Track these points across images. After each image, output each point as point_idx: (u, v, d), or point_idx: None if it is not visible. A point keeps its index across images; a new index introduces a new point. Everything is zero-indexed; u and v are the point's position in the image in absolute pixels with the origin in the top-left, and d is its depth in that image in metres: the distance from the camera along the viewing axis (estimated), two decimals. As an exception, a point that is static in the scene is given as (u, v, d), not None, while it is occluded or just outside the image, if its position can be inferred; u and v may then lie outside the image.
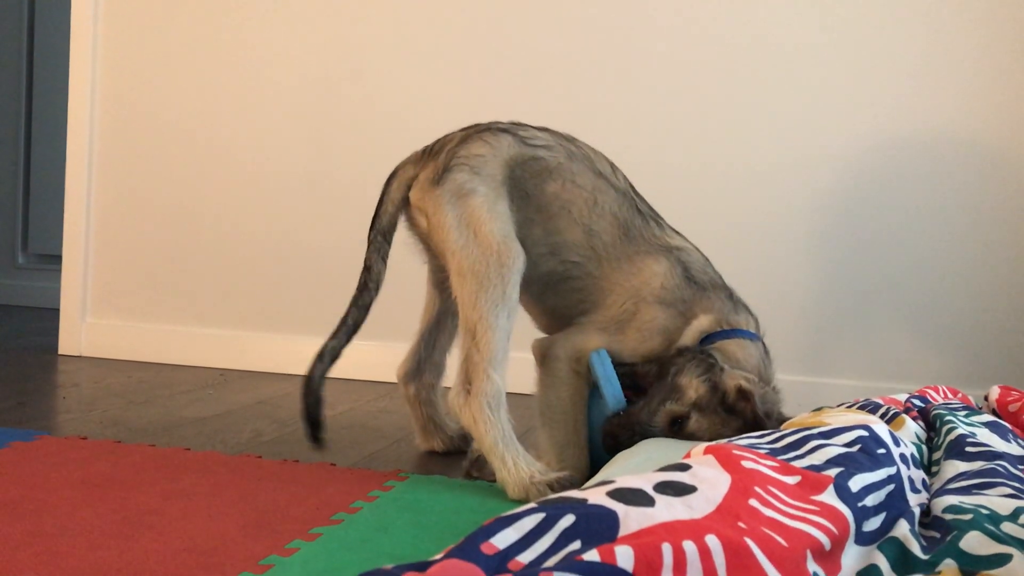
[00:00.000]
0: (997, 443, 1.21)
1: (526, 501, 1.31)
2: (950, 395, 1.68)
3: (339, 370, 2.45)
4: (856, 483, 0.87)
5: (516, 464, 1.35)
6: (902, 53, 2.22)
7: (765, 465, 0.86)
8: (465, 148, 1.50)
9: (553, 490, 1.32)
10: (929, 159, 2.21)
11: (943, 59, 2.20)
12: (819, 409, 1.33)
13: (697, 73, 2.32)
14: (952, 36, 2.20)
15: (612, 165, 1.61)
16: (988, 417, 1.42)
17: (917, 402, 1.54)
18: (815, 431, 1.00)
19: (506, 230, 1.45)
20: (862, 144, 2.24)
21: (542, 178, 1.52)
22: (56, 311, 2.74)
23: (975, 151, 2.20)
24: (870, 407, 1.38)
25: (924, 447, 1.24)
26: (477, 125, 1.56)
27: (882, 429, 1.02)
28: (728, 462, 0.83)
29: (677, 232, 1.61)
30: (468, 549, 0.65)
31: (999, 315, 2.19)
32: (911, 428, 1.24)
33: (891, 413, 1.31)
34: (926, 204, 2.22)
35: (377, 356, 2.47)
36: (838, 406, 1.44)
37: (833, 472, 0.87)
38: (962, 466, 1.10)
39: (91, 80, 2.64)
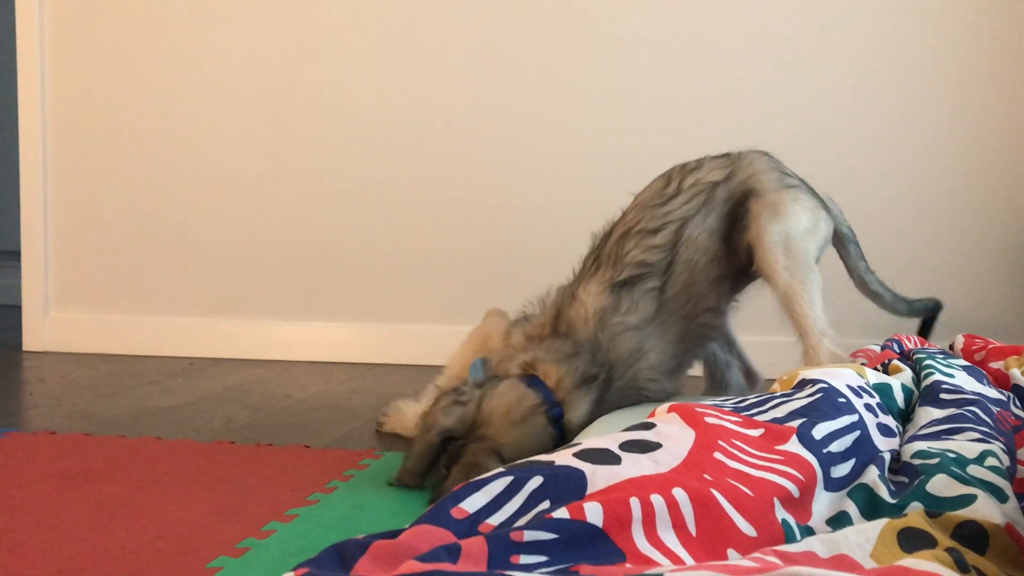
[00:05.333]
0: (974, 386, 1.22)
1: None
2: (919, 344, 1.70)
3: (310, 352, 2.47)
4: (819, 431, 0.88)
5: None
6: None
7: (728, 420, 0.87)
8: None
9: None
10: (887, 123, 2.23)
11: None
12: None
13: (692, 69, 2.32)
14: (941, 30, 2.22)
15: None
16: (964, 361, 1.43)
17: (895, 347, 1.55)
18: (777, 394, 1.01)
19: None
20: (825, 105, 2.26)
21: None
22: (18, 308, 2.69)
23: (938, 116, 2.23)
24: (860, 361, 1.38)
25: (916, 392, 1.24)
26: None
27: (840, 383, 1.04)
28: (691, 418, 0.84)
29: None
30: (438, 515, 0.65)
31: (965, 268, 2.22)
32: (908, 374, 1.24)
33: (889, 361, 1.31)
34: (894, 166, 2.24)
35: (348, 337, 2.47)
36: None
37: (796, 423, 0.88)
38: (935, 412, 1.11)
39: (40, 72, 2.58)
